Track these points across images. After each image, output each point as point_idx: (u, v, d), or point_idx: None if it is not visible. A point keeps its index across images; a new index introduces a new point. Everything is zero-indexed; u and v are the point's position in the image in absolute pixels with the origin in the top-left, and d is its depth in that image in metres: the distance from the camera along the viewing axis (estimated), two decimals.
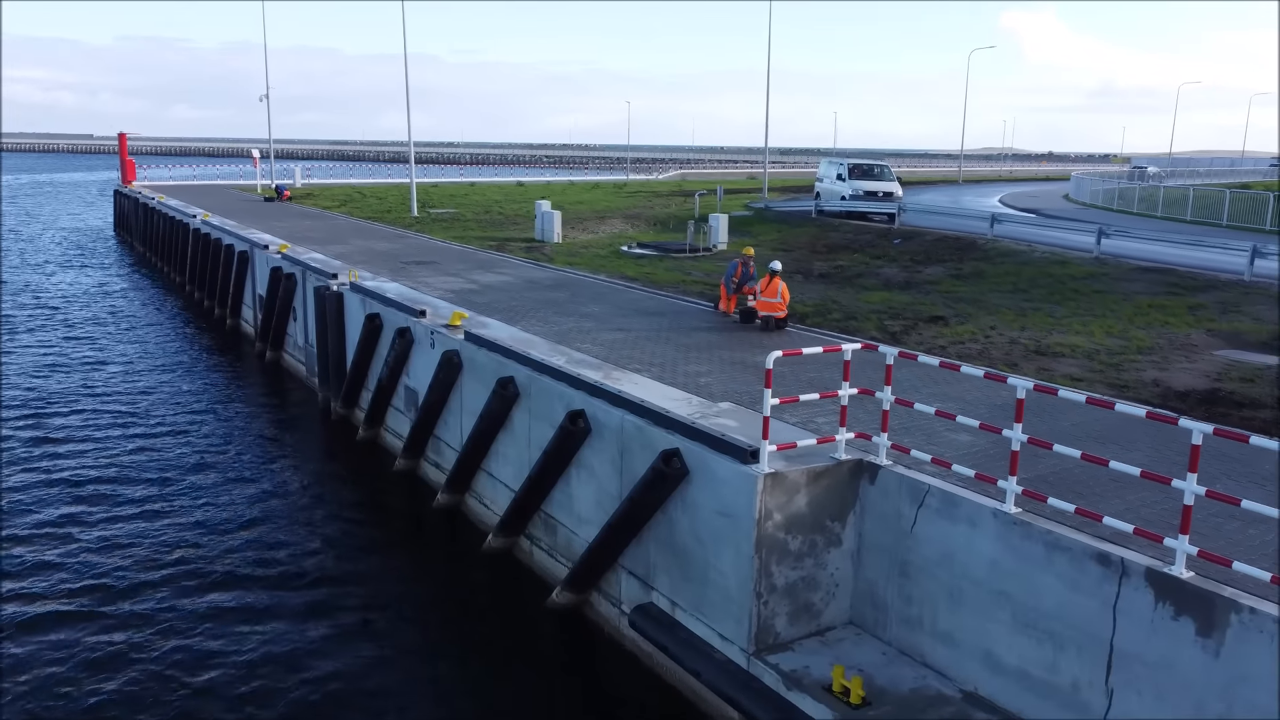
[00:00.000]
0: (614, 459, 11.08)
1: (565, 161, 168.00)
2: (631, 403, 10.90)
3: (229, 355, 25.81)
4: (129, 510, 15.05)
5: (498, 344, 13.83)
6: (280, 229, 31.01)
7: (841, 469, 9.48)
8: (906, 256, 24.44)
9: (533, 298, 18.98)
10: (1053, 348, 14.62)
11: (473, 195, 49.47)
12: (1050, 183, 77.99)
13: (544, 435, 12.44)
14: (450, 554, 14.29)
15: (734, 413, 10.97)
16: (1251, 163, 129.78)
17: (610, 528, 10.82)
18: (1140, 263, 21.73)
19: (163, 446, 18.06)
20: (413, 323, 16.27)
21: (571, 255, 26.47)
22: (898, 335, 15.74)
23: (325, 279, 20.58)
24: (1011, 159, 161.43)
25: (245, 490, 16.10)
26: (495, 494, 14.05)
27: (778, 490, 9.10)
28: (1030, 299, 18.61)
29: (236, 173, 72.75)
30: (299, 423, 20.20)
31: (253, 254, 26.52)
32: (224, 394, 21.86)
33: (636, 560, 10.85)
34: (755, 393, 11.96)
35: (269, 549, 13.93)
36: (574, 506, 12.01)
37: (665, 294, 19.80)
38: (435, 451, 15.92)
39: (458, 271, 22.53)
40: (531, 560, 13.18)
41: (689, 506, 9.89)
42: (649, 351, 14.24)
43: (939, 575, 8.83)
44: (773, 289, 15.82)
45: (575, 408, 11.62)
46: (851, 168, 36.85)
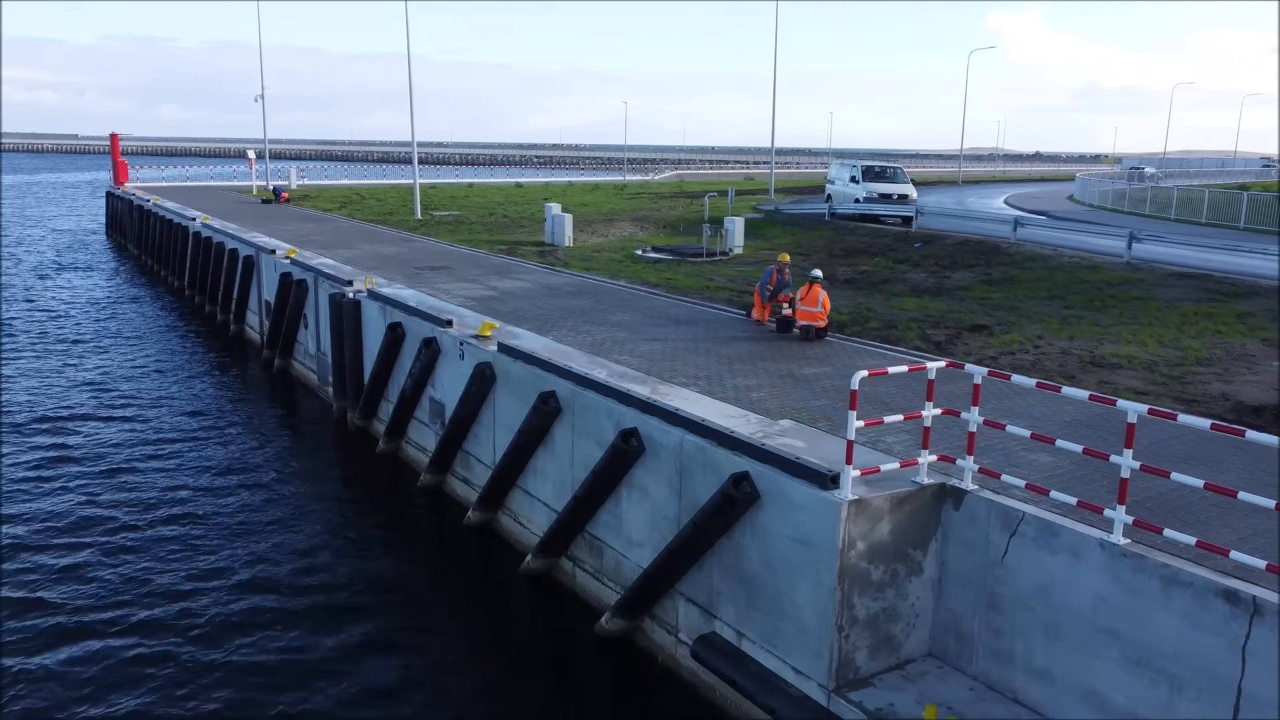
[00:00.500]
0: (671, 480, 10.53)
1: (556, 162, 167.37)
2: (691, 421, 10.36)
3: (235, 362, 25.15)
4: (145, 522, 14.46)
5: (535, 356, 13.27)
6: (283, 232, 30.35)
7: (924, 494, 8.97)
8: (931, 261, 23.99)
9: (557, 305, 18.42)
10: (1107, 358, 14.15)
11: (473, 197, 48.84)
12: (1050, 183, 77.84)
13: (589, 453, 11.90)
14: (485, 573, 13.75)
15: (797, 431, 10.45)
16: (1242, 163, 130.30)
17: (669, 553, 10.27)
18: (1173, 268, 21.32)
19: (176, 456, 17.46)
20: (439, 333, 15.69)
21: (586, 260, 25.90)
22: (942, 345, 15.25)
23: (340, 286, 19.96)
24: (1003, 159, 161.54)
25: (263, 504, 15.50)
26: (532, 512, 13.49)
27: (861, 518, 8.58)
28: (1069, 306, 18.16)
29: (229, 173, 71.92)
30: (314, 433, 19.58)
31: (259, 259, 25.86)
32: (234, 403, 21.21)
33: (697, 587, 10.31)
34: (812, 409, 11.46)
35: (293, 565, 13.36)
36: (623, 528, 11.47)
37: (692, 301, 19.27)
38: (464, 467, 15.35)
39: (474, 277, 21.95)
40: (574, 583, 12.61)
41: (759, 533, 9.36)
42: (690, 364, 13.71)
43: (1034, 608, 8.32)
44: (813, 297, 15.30)
45: (627, 425, 11.07)
46: (864, 170, 36.39)
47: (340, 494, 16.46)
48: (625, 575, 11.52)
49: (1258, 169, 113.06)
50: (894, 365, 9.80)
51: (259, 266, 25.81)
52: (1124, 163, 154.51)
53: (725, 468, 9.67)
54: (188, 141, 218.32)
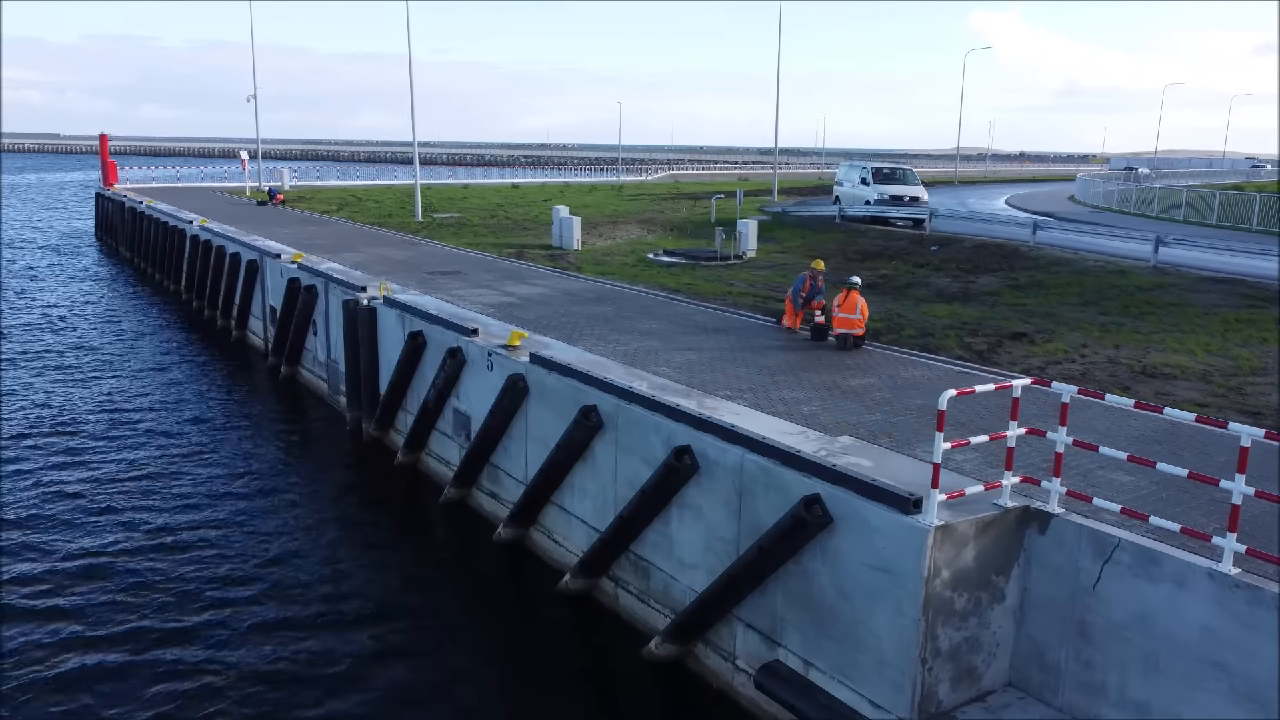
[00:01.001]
0: (729, 500, 10.08)
1: (545, 162, 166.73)
2: (751, 440, 9.90)
3: (238, 369, 24.54)
4: (153, 536, 13.92)
5: (573, 368, 12.79)
6: (284, 235, 29.73)
7: (1008, 518, 8.54)
8: (952, 265, 23.63)
9: (579, 312, 17.93)
10: (1158, 368, 13.79)
11: (471, 198, 48.25)
12: (1047, 184, 77.70)
13: (634, 470, 11.44)
14: (518, 591, 13.25)
15: (860, 449, 10.01)
16: (1229, 163, 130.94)
17: (729, 577, 9.82)
18: (1202, 273, 21.00)
19: (183, 466, 16.94)
20: (465, 342, 15.19)
21: (598, 264, 25.42)
22: (984, 354, 14.85)
23: (353, 292, 19.42)
24: (992, 159, 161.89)
25: (278, 516, 15.00)
26: (569, 530, 13.01)
27: (947, 544, 8.15)
28: (1105, 312, 17.79)
29: (220, 174, 71.03)
30: (327, 443, 19.04)
31: (263, 263, 25.25)
32: (240, 412, 20.64)
33: (758, 612, 9.86)
34: (868, 424, 11.02)
35: (314, 579, 12.90)
36: (674, 550, 11.00)
37: (717, 307, 18.82)
38: (492, 481, 14.85)
39: (488, 283, 21.43)
40: (617, 604, 12.14)
41: (831, 558, 8.91)
42: (730, 375, 13.26)
43: (1131, 639, 7.91)
44: (850, 304, 14.87)
45: (679, 442, 10.61)
46: (874, 171, 36.02)
47: (358, 507, 15.94)
48: (675, 598, 11.06)
49: (1247, 169, 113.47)
50: (926, 371, 9.41)
51: (263, 271, 25.20)
52: (1112, 163, 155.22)
53: (793, 489, 9.22)
54: (173, 141, 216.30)
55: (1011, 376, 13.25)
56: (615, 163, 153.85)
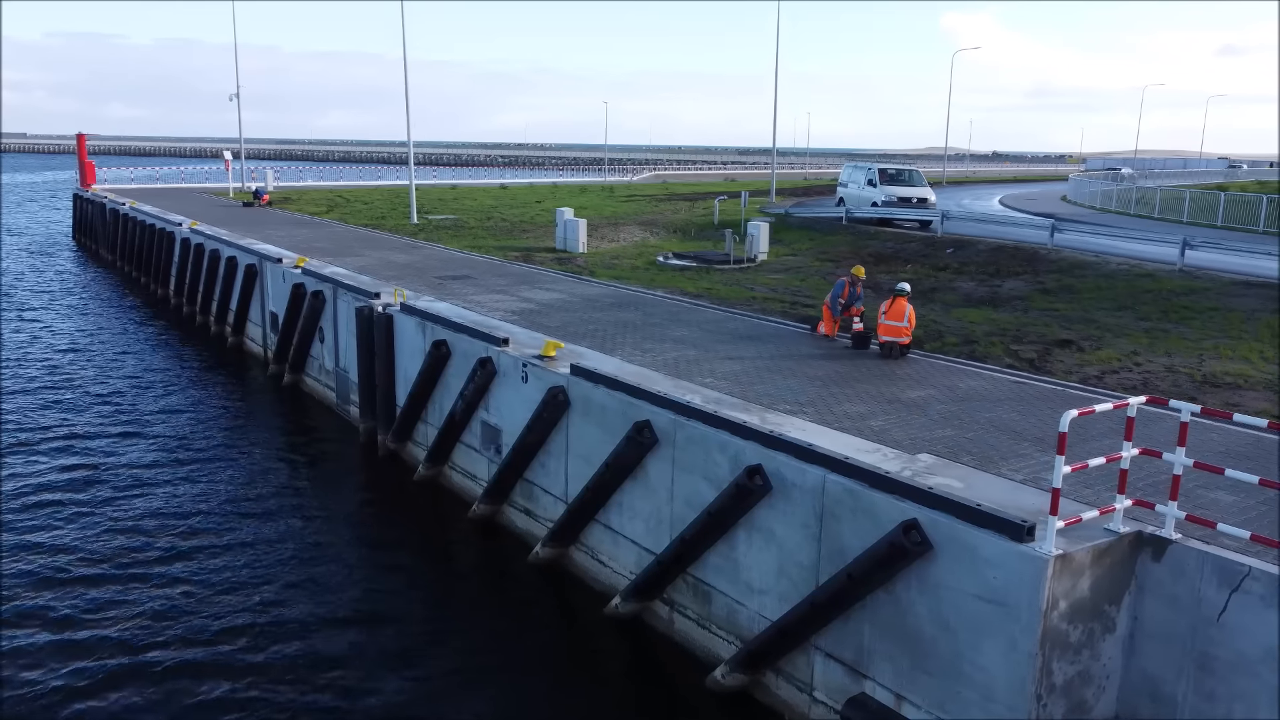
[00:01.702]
0: (808, 524, 9.54)
1: (524, 162, 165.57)
2: (833, 459, 9.36)
3: (238, 377, 23.76)
4: (158, 554, 13.23)
5: (621, 381, 12.20)
6: (279, 238, 28.90)
7: (1122, 544, 8.06)
8: (972, 268, 23.23)
9: (604, 319, 17.34)
10: (1219, 377, 13.40)
11: (463, 199, 47.44)
12: (1035, 184, 77.69)
13: (695, 489, 10.88)
14: (564, 616, 12.66)
15: (945, 469, 9.51)
16: (1204, 163, 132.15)
17: (811, 604, 9.28)
18: (1233, 276, 20.69)
19: (188, 480, 16.25)
20: (496, 352, 14.55)
21: (608, 267, 24.83)
22: (1035, 363, 14.42)
23: (366, 298, 18.73)
24: (970, 159, 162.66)
25: (293, 533, 14.35)
26: (616, 550, 12.42)
27: (1065, 574, 7.66)
28: (1144, 318, 17.41)
29: (200, 174, 69.70)
30: (340, 457, 18.31)
31: (263, 267, 24.45)
32: (244, 422, 19.89)
33: (841, 642, 9.32)
34: (943, 440, 10.52)
35: (339, 600, 12.27)
36: (741, 574, 10.44)
37: (743, 313, 18.28)
38: (527, 498, 14.23)
39: (502, 288, 20.78)
40: (671, 629, 11.57)
41: (930, 587, 8.39)
42: (782, 386, 12.72)
43: (1261, 673, 7.44)
44: (898, 311, 14.38)
45: (748, 461, 10.06)
46: (881, 173, 35.63)
47: (380, 524, 15.28)
48: (741, 625, 10.51)
49: (1223, 169, 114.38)
50: (981, 381, 8.91)
51: (263, 275, 24.40)
52: (1088, 163, 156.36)
53: (885, 514, 8.70)
54: (145, 141, 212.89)
55: (1073, 388, 12.83)
56: (596, 163, 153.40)
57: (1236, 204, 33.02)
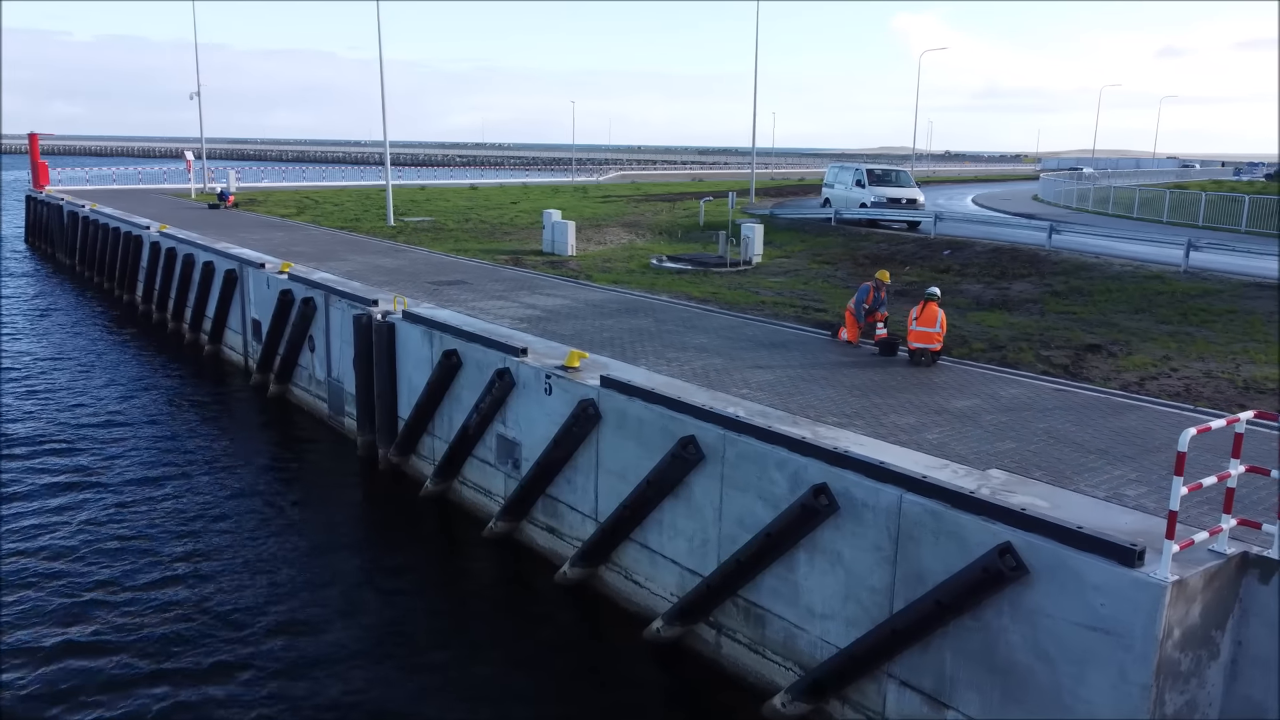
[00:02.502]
0: (880, 546, 9.06)
1: (483, 162, 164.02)
2: (910, 478, 8.90)
3: (218, 388, 22.82)
4: (147, 592, 12.37)
5: (659, 393, 11.64)
6: (255, 242, 27.90)
7: (1229, 567, 7.69)
8: (974, 270, 22.98)
9: (616, 326, 16.75)
10: (1260, 382, 13.18)
11: (436, 201, 46.47)
12: (1003, 184, 78.25)
13: (746, 508, 10.38)
14: (599, 639, 12.07)
15: (1022, 486, 9.10)
16: (1155, 163, 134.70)
17: (891, 631, 8.81)
18: (1239, 278, 20.61)
19: (176, 496, 15.46)
20: (514, 363, 13.92)
21: (604, 271, 24.23)
22: (1069, 368, 14.11)
23: (363, 306, 17.96)
24: (928, 159, 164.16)
25: (300, 555, 13.64)
26: (654, 571, 11.86)
27: (1179, 600, 7.26)
28: (1164, 321, 17.20)
29: (157, 175, 67.75)
30: (338, 471, 17.52)
31: (244, 273, 23.50)
32: (230, 434, 19.05)
33: (920, 671, 8.86)
34: (1007, 454, 10.10)
35: (355, 627, 11.55)
36: (801, 597, 9.95)
37: (757, 318, 17.79)
38: (550, 515, 13.61)
39: (501, 294, 20.10)
40: (719, 654, 11.04)
41: (1026, 614, 7.95)
42: (822, 397, 12.25)
43: None
44: (929, 317, 13.99)
45: (811, 479, 9.57)
46: (869, 173, 35.41)
47: (387, 542, 14.57)
48: (800, 650, 10.02)
49: (1174, 168, 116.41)
50: (1022, 389, 8.53)
51: (244, 281, 23.45)
52: (1043, 163, 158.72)
53: (973, 536, 8.25)
54: (93, 140, 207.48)
55: (1117, 395, 12.52)
56: (556, 163, 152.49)
57: (1217, 203, 33.32)
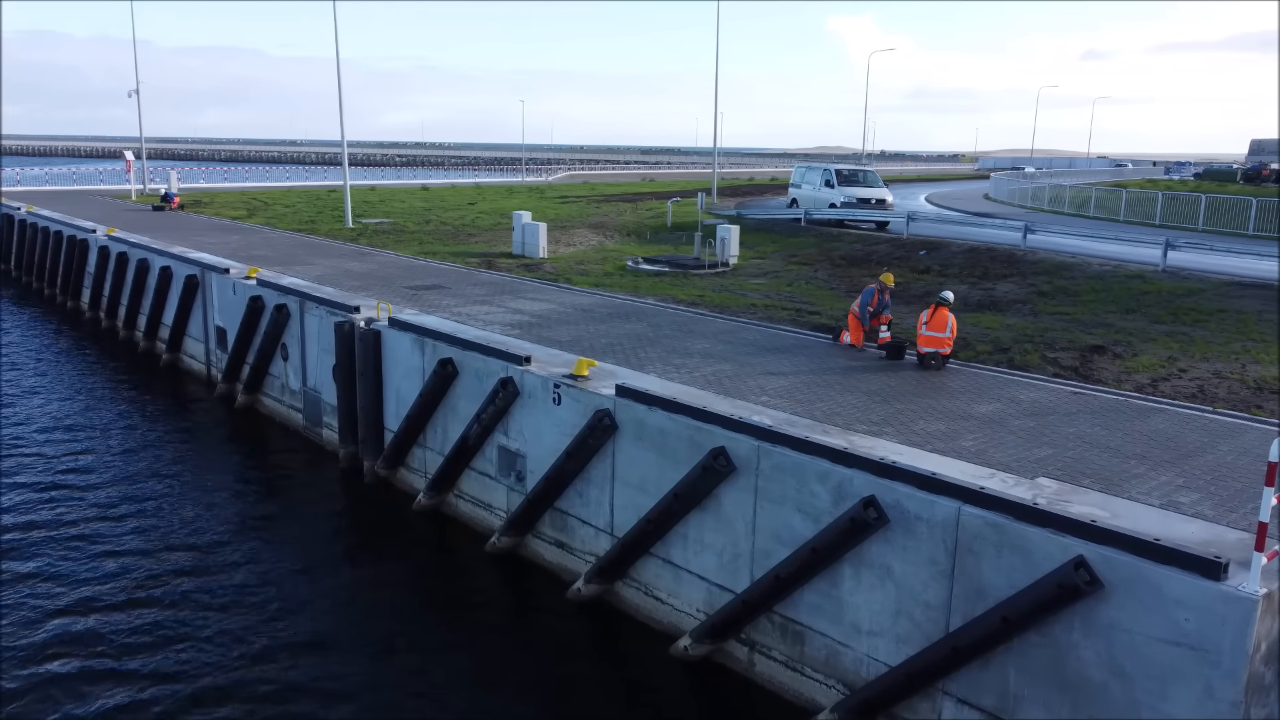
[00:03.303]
0: (936, 560, 8.79)
1: (424, 162, 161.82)
2: (968, 490, 8.64)
3: (178, 399, 21.85)
4: (123, 614, 11.65)
5: (681, 403, 11.26)
6: (210, 246, 26.84)
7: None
8: (955, 270, 22.98)
9: (610, 331, 16.31)
10: (1270, 382, 13.24)
11: (390, 202, 45.41)
12: (950, 183, 79.30)
13: (783, 521, 10.06)
14: (622, 658, 11.62)
15: (1075, 494, 8.90)
16: (1087, 163, 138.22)
17: (951, 648, 8.54)
18: (1218, 276, 20.90)
19: (144, 515, 14.65)
20: (519, 372, 13.41)
21: (582, 274, 23.75)
22: (1078, 370, 14.05)
23: (343, 313, 17.26)
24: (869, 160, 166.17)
25: (288, 576, 12.96)
26: (679, 587, 11.47)
27: (1268, 614, 7.09)
28: (1158, 321, 17.26)
29: (92, 175, 65.27)
30: (320, 485, 16.81)
31: (206, 278, 22.53)
32: (198, 448, 18.24)
33: (979, 688, 8.61)
34: (1043, 459, 9.91)
35: (356, 656, 10.95)
36: (846, 614, 9.64)
37: (753, 322, 17.48)
38: (559, 529, 13.14)
39: (483, 298, 19.51)
40: (752, 671, 10.69)
41: (1099, 629, 7.74)
42: (843, 404, 11.97)
43: None
44: (940, 321, 13.82)
45: (858, 491, 9.28)
46: (838, 174, 35.43)
47: (382, 558, 13.94)
48: (844, 668, 9.72)
49: (1107, 167, 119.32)
50: (1040, 393, 8.42)
51: (207, 287, 22.48)
52: (979, 162, 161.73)
53: (1041, 550, 8.01)
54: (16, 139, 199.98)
55: (1135, 397, 12.46)
56: (500, 163, 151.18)
57: (1175, 202, 34.01)
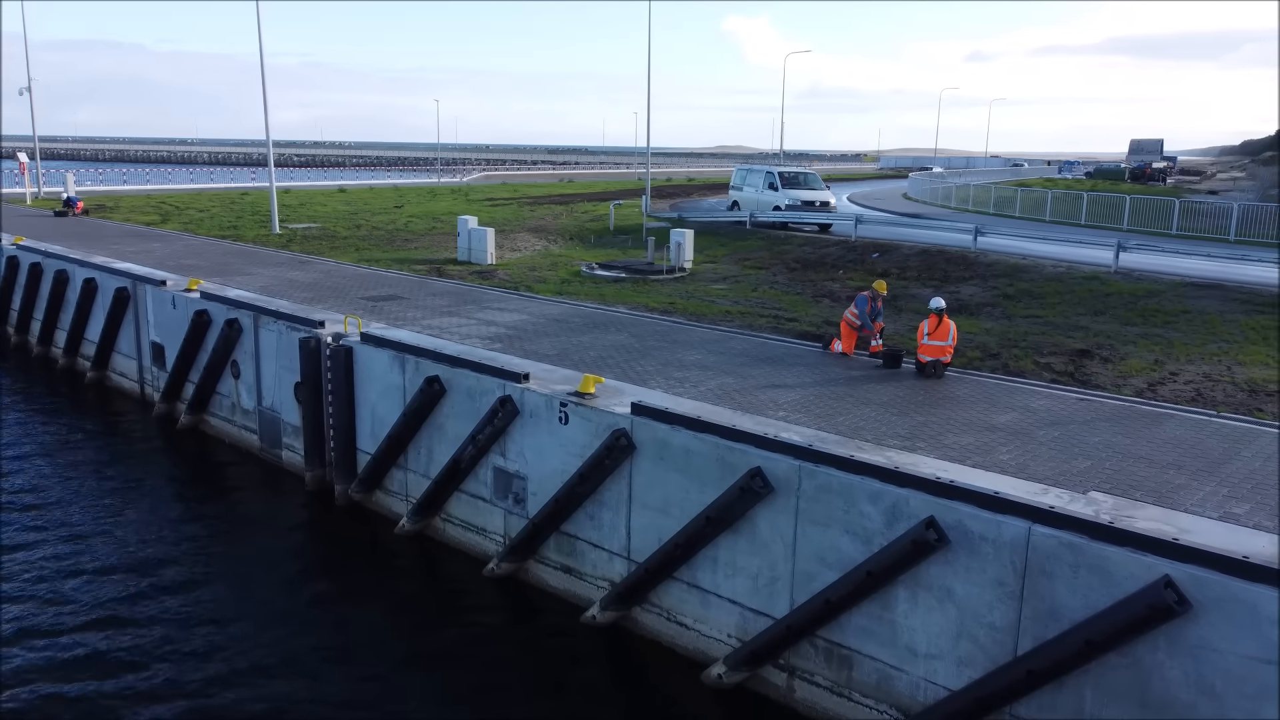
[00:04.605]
0: (1003, 581, 8.61)
1: (322, 162, 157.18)
2: (1037, 510, 8.48)
3: (111, 420, 20.46)
4: (77, 666, 10.70)
5: (709, 421, 10.87)
6: (133, 254, 25.25)
7: None
8: (913, 274, 23.11)
9: (594, 343, 15.79)
10: (1260, 384, 13.56)
11: (312, 205, 43.66)
12: (864, 183, 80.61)
13: (829, 543, 9.78)
14: (651, 690, 11.17)
15: (1134, 508, 8.82)
16: (983, 162, 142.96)
17: (1028, 672, 8.36)
18: (1170, 277, 21.49)
19: (89, 548, 13.51)
20: (518, 390, 12.81)
21: (539, 281, 23.10)
22: (1074, 375, 14.16)
23: (306, 328, 16.34)
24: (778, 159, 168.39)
25: (266, 613, 12.15)
26: (707, 612, 11.08)
27: None
28: (1129, 323, 17.52)
29: None
30: (286, 511, 15.87)
31: (140, 291, 21.11)
32: (144, 473, 17.11)
33: (1052, 709, 8.46)
34: (1084, 472, 9.85)
35: (364, 686, 10.27)
36: (900, 637, 9.40)
37: (735, 330, 17.17)
38: (568, 554, 12.60)
39: (447, 309, 18.73)
40: (792, 698, 10.38)
41: (1187, 649, 7.65)
42: (865, 417, 11.73)
43: None
44: (943, 331, 13.79)
45: (915, 513, 9.04)
46: (781, 176, 35.49)
47: (367, 588, 13.20)
48: (898, 693, 9.48)
49: (1003, 166, 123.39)
50: (1049, 400, 8.46)
51: (141, 301, 21.07)
52: (880, 161, 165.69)
53: (1122, 569, 7.90)
54: None
55: (1141, 403, 12.59)
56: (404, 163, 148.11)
57: (1099, 204, 35.17)
